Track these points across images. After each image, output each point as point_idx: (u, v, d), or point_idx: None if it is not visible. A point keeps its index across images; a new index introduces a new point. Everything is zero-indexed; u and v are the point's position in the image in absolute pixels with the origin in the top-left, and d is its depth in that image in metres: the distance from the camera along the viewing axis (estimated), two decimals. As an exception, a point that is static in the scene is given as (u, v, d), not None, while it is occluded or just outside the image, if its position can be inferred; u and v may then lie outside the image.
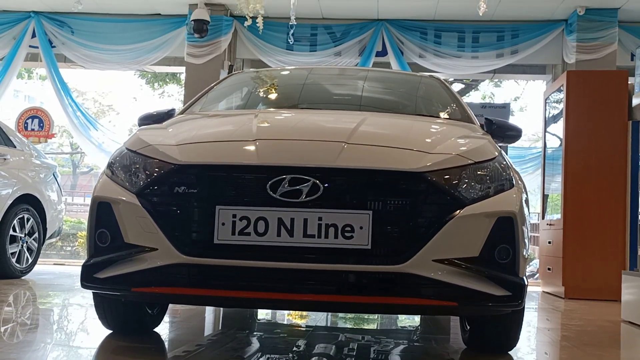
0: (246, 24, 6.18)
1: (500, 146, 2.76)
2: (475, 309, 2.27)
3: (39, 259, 5.46)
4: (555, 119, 6.29)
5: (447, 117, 3.13)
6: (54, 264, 7.03)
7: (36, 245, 5.29)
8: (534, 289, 6.43)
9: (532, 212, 8.75)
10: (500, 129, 3.05)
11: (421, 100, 3.42)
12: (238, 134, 2.42)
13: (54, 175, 5.63)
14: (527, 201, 2.42)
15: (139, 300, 2.56)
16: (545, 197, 6.52)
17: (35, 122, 7.68)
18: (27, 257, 5.17)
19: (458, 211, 2.12)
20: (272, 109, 3.15)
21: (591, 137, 5.68)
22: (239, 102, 3.48)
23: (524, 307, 2.37)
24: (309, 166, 2.10)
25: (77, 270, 2.41)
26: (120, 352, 2.45)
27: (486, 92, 17.31)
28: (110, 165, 2.42)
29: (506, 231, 2.20)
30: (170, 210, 2.15)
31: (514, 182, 2.34)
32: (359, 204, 2.08)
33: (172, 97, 18.48)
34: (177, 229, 2.13)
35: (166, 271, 2.12)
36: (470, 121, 3.03)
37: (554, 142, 6.32)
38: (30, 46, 7.57)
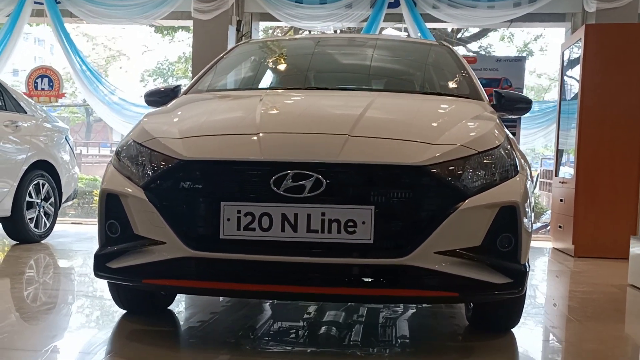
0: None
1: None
2: (476, 297, 2.31)
3: (58, 219, 5.60)
4: (572, 65, 6.11)
5: (456, 93, 3.08)
6: (72, 223, 7.20)
7: (53, 209, 5.41)
8: (545, 245, 6.48)
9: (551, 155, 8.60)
10: (510, 102, 3.02)
11: (430, 75, 3.36)
12: (242, 125, 2.41)
13: (66, 138, 5.67)
14: (531, 177, 2.42)
15: (150, 290, 2.64)
16: (559, 152, 6.44)
17: (45, 81, 7.65)
18: (44, 221, 5.30)
19: (461, 203, 2.13)
20: (277, 91, 3.12)
21: (607, 94, 5.53)
22: (246, 77, 3.45)
23: (525, 292, 2.40)
24: (311, 161, 2.11)
25: (94, 229, 2.49)
26: (135, 334, 2.55)
27: (505, 33, 16.77)
28: (117, 154, 2.45)
29: (509, 220, 2.21)
30: (176, 205, 2.18)
31: (518, 168, 2.33)
32: (362, 198, 2.09)
33: (183, 42, 18.26)
34: (184, 224, 2.17)
35: (175, 264, 2.18)
36: (478, 97, 2.99)
37: (571, 94, 6.17)
38: (35, 2, 7.44)
